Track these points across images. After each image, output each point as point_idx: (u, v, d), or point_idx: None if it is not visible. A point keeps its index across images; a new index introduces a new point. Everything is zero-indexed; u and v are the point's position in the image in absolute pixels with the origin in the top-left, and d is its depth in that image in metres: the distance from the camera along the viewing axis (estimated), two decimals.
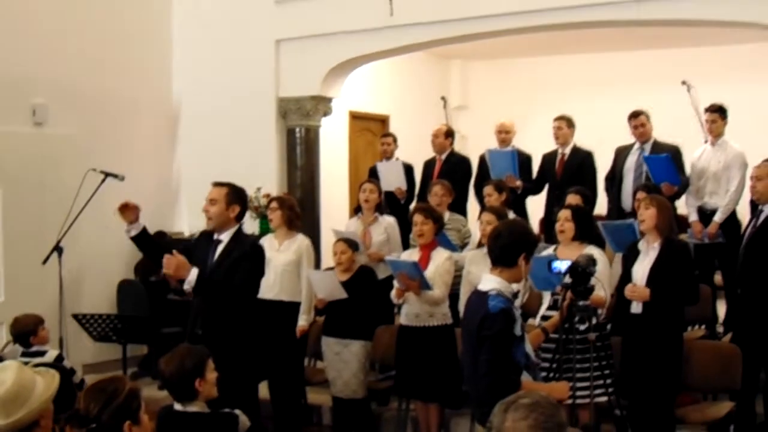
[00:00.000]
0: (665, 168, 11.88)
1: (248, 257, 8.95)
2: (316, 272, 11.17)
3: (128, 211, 9.13)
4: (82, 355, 12.23)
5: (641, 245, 9.40)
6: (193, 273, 8.59)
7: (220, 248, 8.95)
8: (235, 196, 9.04)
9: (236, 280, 8.74)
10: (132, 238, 9.34)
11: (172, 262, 8.58)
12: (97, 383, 5.29)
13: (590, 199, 11.58)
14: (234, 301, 8.86)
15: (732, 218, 11.82)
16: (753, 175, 10.46)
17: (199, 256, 9.01)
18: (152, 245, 9.57)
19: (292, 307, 10.53)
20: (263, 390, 10.30)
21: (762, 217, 10.12)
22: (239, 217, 9.05)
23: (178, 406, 6.44)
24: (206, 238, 9.21)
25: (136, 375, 12.30)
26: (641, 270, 9.22)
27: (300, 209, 11.89)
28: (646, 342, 9.18)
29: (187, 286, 8.69)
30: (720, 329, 11.52)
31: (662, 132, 12.55)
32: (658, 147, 12.35)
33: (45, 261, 11.33)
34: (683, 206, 12.31)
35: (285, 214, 10.85)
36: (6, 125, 12.72)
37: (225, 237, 8.95)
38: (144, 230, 9.26)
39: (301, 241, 11.00)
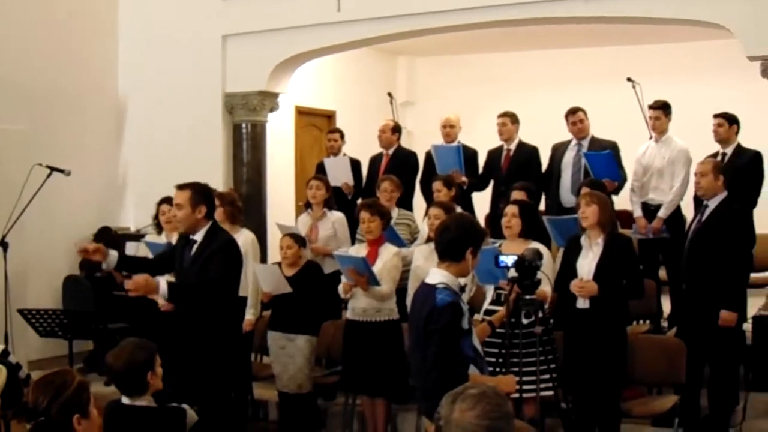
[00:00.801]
0: (606, 164, 11.97)
1: (222, 251, 8.92)
2: (262, 266, 11.16)
3: (92, 254, 8.99)
4: (28, 350, 12.19)
5: (583, 240, 9.43)
6: (163, 285, 8.53)
7: (195, 248, 8.94)
8: (200, 196, 8.95)
9: (210, 275, 8.72)
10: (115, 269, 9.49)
11: (138, 283, 8.48)
12: (46, 376, 5.29)
13: (535, 194, 11.67)
14: (211, 299, 8.80)
15: (676, 214, 11.91)
16: (697, 171, 10.50)
17: (179, 256, 9.11)
18: (136, 264, 9.66)
19: (239, 302, 10.48)
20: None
21: (707, 213, 10.20)
22: (209, 215, 9.00)
23: (126, 400, 6.43)
24: (185, 240, 9.18)
25: (82, 371, 12.24)
26: (587, 265, 9.27)
27: (244, 204, 11.97)
28: (591, 337, 9.23)
29: (162, 300, 8.82)
30: (665, 324, 11.61)
31: (608, 128, 12.66)
32: (595, 143, 12.47)
33: None
34: (623, 202, 12.40)
35: (227, 209, 10.75)
36: None
37: (199, 236, 8.93)
38: (121, 257, 9.29)
39: (246, 235, 10.98)
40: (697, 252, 10.14)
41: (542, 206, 13.00)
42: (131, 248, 11.16)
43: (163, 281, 8.57)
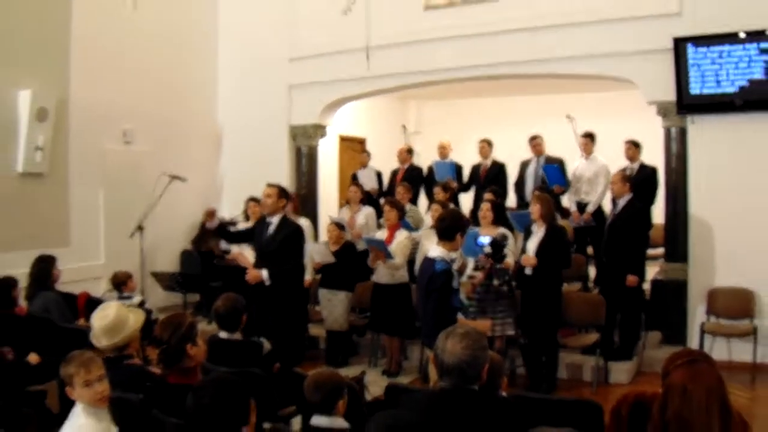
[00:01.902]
0: (556, 174, 12.04)
1: (298, 234, 9.36)
2: (315, 244, 11.26)
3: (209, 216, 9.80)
4: (156, 300, 12.29)
5: (533, 227, 9.60)
6: (265, 274, 9.02)
7: (271, 228, 9.23)
8: (283, 193, 9.40)
9: (290, 255, 9.19)
10: (213, 230, 9.96)
11: (253, 276, 9.07)
12: (167, 317, 5.35)
13: (500, 195, 11.70)
14: (293, 267, 9.27)
15: (599, 209, 11.96)
16: (611, 180, 10.76)
17: (258, 234, 9.40)
18: (230, 233, 10.22)
19: (301, 268, 10.50)
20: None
21: (618, 208, 10.39)
22: (284, 207, 9.38)
23: (222, 335, 6.48)
24: (261, 222, 9.48)
25: (192, 315, 12.26)
26: (532, 245, 9.47)
27: (304, 202, 12.21)
28: (536, 293, 9.38)
29: (267, 282, 9.02)
30: (591, 285, 11.60)
31: (554, 150, 12.65)
32: (549, 160, 12.49)
33: (131, 235, 11.37)
34: (567, 201, 12.43)
35: (295, 204, 11.04)
36: (107, 144, 12.76)
37: (275, 220, 9.24)
38: (220, 225, 9.94)
39: (303, 222, 11.03)
40: (613, 235, 10.28)
41: (514, 203, 13.04)
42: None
43: (264, 272, 9.03)
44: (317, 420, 4.61)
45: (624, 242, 10.06)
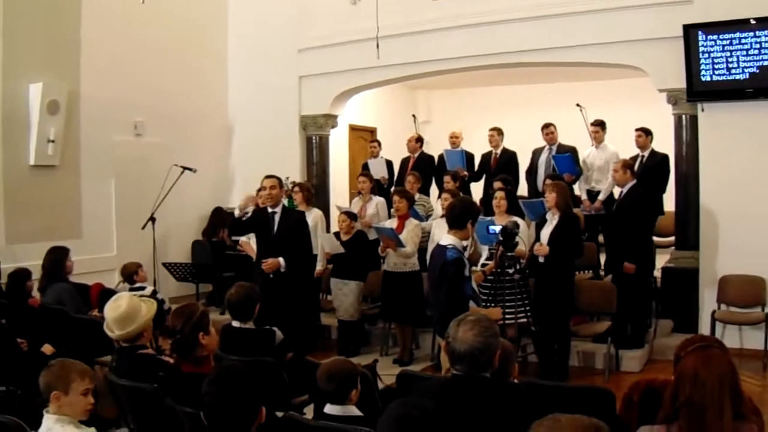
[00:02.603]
0: (567, 163, 12.00)
1: (304, 221, 9.66)
2: (325, 235, 11.26)
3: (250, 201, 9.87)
4: (168, 290, 12.31)
5: (548, 216, 9.62)
6: (282, 261, 9.21)
7: (277, 218, 9.38)
8: (280, 183, 9.60)
9: (303, 242, 9.52)
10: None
11: (270, 264, 9.21)
12: (180, 307, 5.39)
13: (511, 183, 11.61)
14: (304, 255, 9.61)
15: (610, 197, 11.89)
16: (613, 169, 10.78)
17: (262, 223, 9.52)
18: (236, 225, 10.17)
19: (312, 258, 10.53)
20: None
21: (622, 196, 10.46)
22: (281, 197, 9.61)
23: (235, 324, 6.50)
24: (262, 212, 9.61)
25: (204, 305, 12.28)
26: (545, 233, 9.50)
27: (314, 191, 12.14)
28: (549, 282, 9.39)
29: (283, 269, 9.22)
30: (602, 273, 11.58)
31: (565, 138, 12.61)
32: (561, 148, 12.41)
33: (144, 227, 11.41)
34: (578, 189, 12.41)
35: (304, 194, 11.09)
36: (118, 136, 12.86)
37: (278, 210, 9.39)
38: (233, 220, 10.07)
39: (316, 212, 11.17)
40: (616, 222, 10.38)
41: (525, 192, 13.02)
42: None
43: (281, 259, 9.21)
44: (330, 409, 4.64)
45: (627, 229, 10.06)
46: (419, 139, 14.00)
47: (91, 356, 7.35)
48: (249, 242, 10.83)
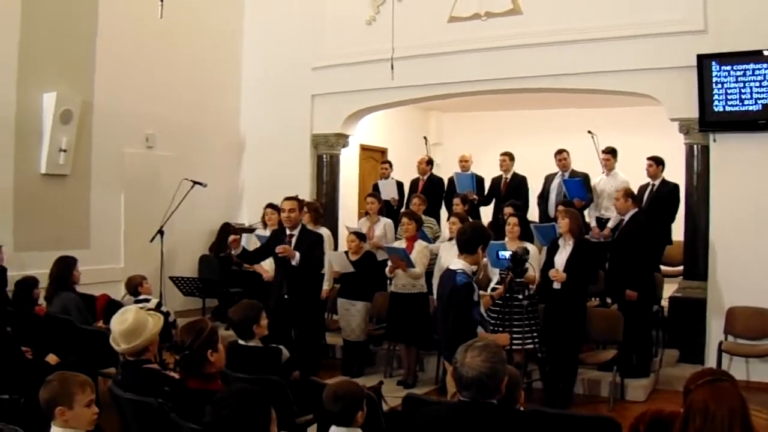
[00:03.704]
0: (578, 188, 12.01)
1: (319, 242, 9.64)
2: (335, 253, 11.22)
3: (233, 243, 9.48)
4: (174, 304, 12.23)
5: (561, 242, 9.68)
6: (297, 255, 9.28)
7: (294, 240, 9.43)
8: (301, 204, 9.71)
9: (315, 255, 9.50)
10: (237, 255, 9.92)
11: (286, 249, 9.27)
12: (190, 323, 5.37)
13: (521, 208, 11.63)
14: (314, 270, 9.70)
15: (619, 225, 11.87)
16: (615, 197, 10.86)
17: (278, 244, 9.46)
18: (250, 254, 10.11)
19: (319, 277, 10.51)
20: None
21: (624, 224, 10.51)
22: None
23: (241, 342, 6.47)
24: (278, 234, 9.69)
25: (210, 319, 12.29)
26: (560, 260, 9.52)
27: (323, 210, 12.14)
28: (562, 309, 9.41)
29: (294, 262, 9.28)
30: (608, 300, 11.54)
31: (576, 164, 12.62)
32: (574, 174, 12.45)
33: (152, 240, 11.37)
34: (588, 216, 12.40)
35: (312, 214, 10.95)
36: (129, 148, 12.93)
37: (296, 232, 9.46)
38: (243, 250, 9.80)
39: (324, 231, 11.03)
40: (618, 250, 10.40)
41: (536, 217, 13.00)
42: (244, 238, 11.27)
43: (297, 253, 9.29)
44: (336, 431, 4.60)
45: (629, 257, 10.06)
46: (430, 161, 14.01)
47: (95, 368, 7.35)
48: (260, 263, 10.85)
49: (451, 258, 7.23)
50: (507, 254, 8.60)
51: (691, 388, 3.75)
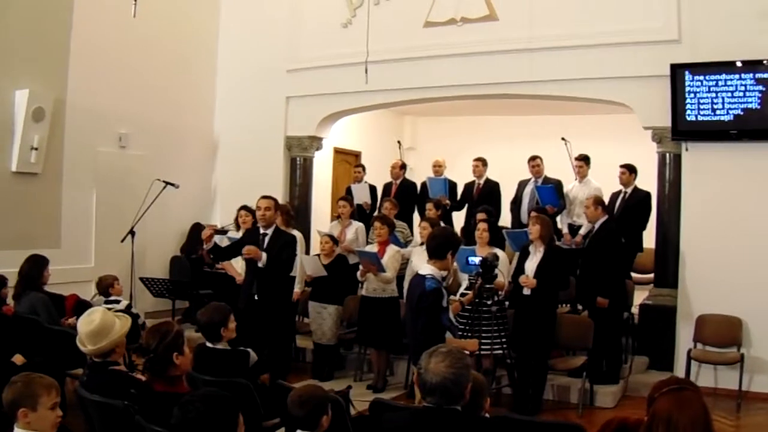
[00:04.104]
0: (550, 194, 12.06)
1: (291, 244, 9.53)
2: (308, 257, 11.23)
3: (207, 238, 9.48)
4: (144, 305, 12.24)
5: (531, 248, 9.70)
6: (264, 256, 9.23)
7: (267, 240, 9.40)
8: (276, 205, 9.72)
9: (284, 257, 9.37)
10: (208, 250, 9.91)
11: (252, 250, 9.23)
12: (154, 326, 5.35)
13: (493, 214, 11.65)
14: (283, 272, 9.51)
15: (591, 232, 11.93)
16: (584, 205, 10.91)
17: (250, 244, 9.44)
18: (221, 251, 10.01)
19: (290, 280, 10.49)
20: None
21: (594, 231, 10.59)
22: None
23: (208, 344, 6.45)
24: (252, 234, 9.69)
25: (180, 322, 12.25)
26: (531, 266, 9.55)
27: (295, 213, 12.14)
28: (532, 315, 9.45)
29: (261, 264, 9.25)
30: (579, 307, 11.59)
31: (548, 171, 12.66)
32: (547, 181, 12.48)
33: (123, 240, 11.36)
34: (560, 223, 12.46)
35: (283, 216, 10.85)
36: (102, 147, 12.84)
37: (270, 231, 9.43)
38: (215, 245, 9.73)
39: (296, 234, 11.01)
40: (588, 258, 10.46)
41: (508, 222, 13.03)
42: (217, 239, 11.21)
43: (264, 254, 9.25)
44: None
45: (599, 264, 10.13)
46: (403, 166, 14.03)
47: (62, 368, 7.31)
48: (231, 264, 10.83)
49: (421, 263, 7.24)
50: (476, 260, 8.62)
51: (654, 396, 3.77)
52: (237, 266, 10.91)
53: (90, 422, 5.36)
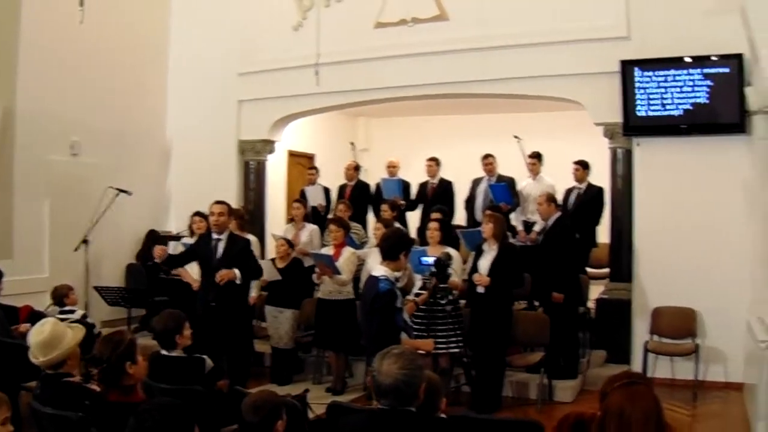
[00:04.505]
0: (503, 192, 12.09)
1: (248, 248, 9.76)
2: (264, 261, 11.19)
3: (158, 253, 9.47)
4: (100, 314, 12.09)
5: (485, 246, 9.72)
6: (237, 273, 9.38)
7: (221, 245, 9.44)
8: (230, 210, 9.77)
9: (253, 265, 9.63)
10: (161, 263, 9.94)
11: (225, 275, 9.29)
12: (107, 336, 5.34)
13: (448, 214, 11.71)
14: (256, 278, 9.98)
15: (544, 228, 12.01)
16: (537, 202, 10.95)
17: (204, 250, 9.60)
18: (175, 259, 10.13)
19: (246, 284, 10.45)
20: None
21: (547, 228, 10.65)
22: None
23: (163, 352, 6.42)
24: (205, 239, 9.71)
25: (137, 329, 12.20)
26: (485, 264, 9.59)
27: (250, 217, 12.15)
28: (487, 313, 9.49)
29: (238, 281, 9.41)
30: (536, 303, 11.65)
31: (503, 169, 12.71)
32: (500, 179, 12.52)
33: (76, 249, 11.33)
34: (515, 220, 12.51)
35: (238, 221, 10.87)
36: (53, 155, 12.62)
37: (223, 237, 9.45)
38: (169, 256, 9.79)
39: (251, 238, 10.99)
40: (542, 254, 10.50)
41: (463, 221, 13.08)
42: (172, 246, 11.17)
43: (237, 271, 9.38)
44: None
45: (554, 260, 10.20)
46: (357, 167, 14.05)
47: (16, 381, 7.24)
48: (187, 270, 10.80)
49: (376, 264, 7.25)
50: (430, 260, 8.65)
51: (607, 391, 3.80)
52: (192, 272, 10.87)
53: None
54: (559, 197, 11.56)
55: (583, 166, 11.87)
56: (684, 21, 10.49)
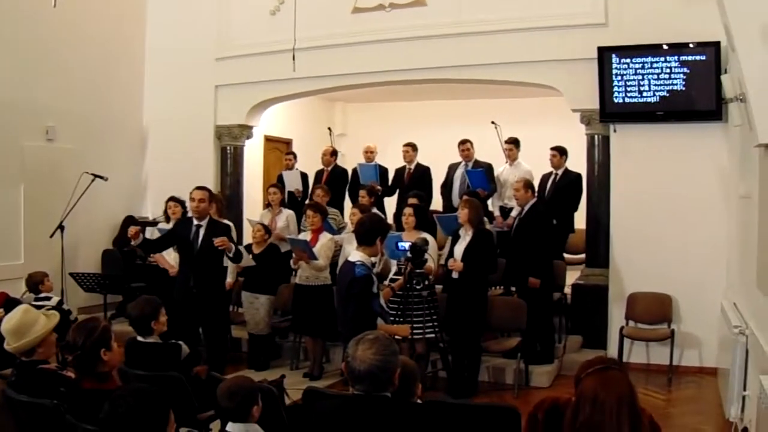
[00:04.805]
0: (480, 178, 12.08)
1: (230, 232, 9.80)
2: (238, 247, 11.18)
3: (133, 235, 9.23)
4: (77, 301, 12.10)
5: (461, 231, 9.75)
6: (233, 247, 9.43)
7: (201, 231, 9.43)
8: (211, 195, 9.73)
9: (237, 250, 9.55)
10: (137, 246, 9.74)
11: (225, 241, 9.26)
12: (80, 322, 5.31)
13: (425, 199, 11.75)
14: (239, 261, 9.85)
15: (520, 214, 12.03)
16: (513, 188, 10.91)
17: (184, 234, 9.56)
18: (152, 243, 9.96)
19: (223, 270, 10.44)
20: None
21: (523, 213, 10.57)
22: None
23: (139, 338, 6.41)
24: (185, 224, 9.71)
25: (113, 316, 12.18)
26: (459, 249, 9.65)
27: (227, 203, 12.11)
28: (462, 297, 9.53)
29: (231, 254, 9.42)
30: (513, 289, 11.67)
31: (480, 155, 12.72)
32: (477, 164, 12.52)
33: (52, 235, 11.26)
34: (492, 206, 12.54)
35: (217, 206, 10.85)
36: (28, 141, 12.55)
37: (204, 222, 9.44)
38: (143, 239, 9.52)
39: (228, 224, 10.99)
40: (517, 239, 10.52)
41: (440, 207, 13.09)
42: (148, 231, 11.11)
43: (233, 245, 9.44)
44: (232, 427, 4.61)
45: (529, 246, 10.22)
46: (334, 152, 14.00)
47: None
48: (163, 256, 10.76)
49: (352, 249, 7.25)
50: (406, 245, 8.65)
51: (581, 376, 3.83)
52: (169, 258, 10.84)
53: (19, 423, 5.30)
54: (536, 183, 11.57)
55: (560, 152, 11.87)
56: (661, 8, 10.54)
